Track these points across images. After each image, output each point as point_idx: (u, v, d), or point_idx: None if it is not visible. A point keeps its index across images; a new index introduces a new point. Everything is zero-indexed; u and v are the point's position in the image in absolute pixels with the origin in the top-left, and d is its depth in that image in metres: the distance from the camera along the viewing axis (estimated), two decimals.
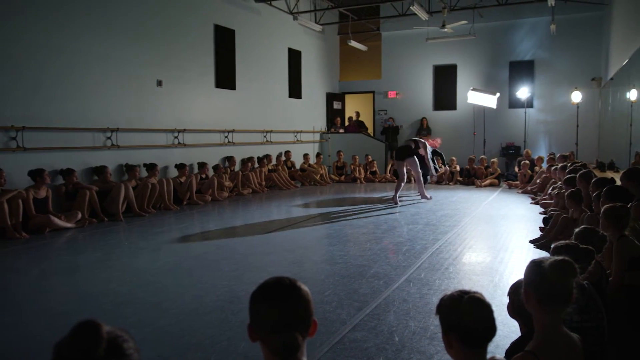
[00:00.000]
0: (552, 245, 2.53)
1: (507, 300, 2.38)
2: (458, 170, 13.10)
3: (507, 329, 3.09)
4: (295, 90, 14.39)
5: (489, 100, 14.11)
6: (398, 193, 9.38)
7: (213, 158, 10.83)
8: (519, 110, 14.71)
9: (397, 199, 9.25)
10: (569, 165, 7.94)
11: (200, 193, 9.63)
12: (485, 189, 11.72)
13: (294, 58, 14.31)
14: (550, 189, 8.75)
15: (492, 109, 14.46)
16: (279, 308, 1.31)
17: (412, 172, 9.76)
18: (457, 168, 13.14)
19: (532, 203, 9.26)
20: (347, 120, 16.82)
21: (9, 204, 6.33)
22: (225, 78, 11.41)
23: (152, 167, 8.71)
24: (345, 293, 4.06)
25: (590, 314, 2.33)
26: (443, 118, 15.82)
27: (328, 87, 16.55)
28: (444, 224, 7.19)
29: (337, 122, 16.12)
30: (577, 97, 13.38)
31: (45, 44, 7.42)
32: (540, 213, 7.88)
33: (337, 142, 15.29)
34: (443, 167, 13.09)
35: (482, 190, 11.48)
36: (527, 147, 14.10)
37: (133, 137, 8.95)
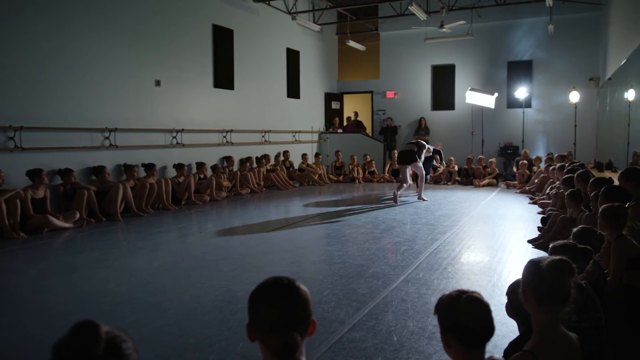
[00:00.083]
0: (550, 245, 2.53)
1: (505, 300, 2.39)
2: (456, 170, 13.11)
3: (505, 329, 3.09)
4: (294, 90, 14.39)
5: (487, 100, 14.13)
6: (399, 192, 9.44)
7: (211, 158, 10.82)
8: (517, 110, 14.73)
9: (397, 199, 9.28)
10: (567, 165, 7.95)
11: (199, 193, 9.63)
12: (484, 189, 11.73)
13: (293, 58, 14.31)
14: (549, 189, 8.77)
15: (490, 109, 14.48)
16: (278, 308, 1.31)
17: (417, 173, 9.83)
18: (455, 168, 13.15)
19: (530, 203, 9.28)
20: (345, 120, 16.83)
21: (7, 204, 6.32)
22: (224, 78, 11.40)
23: (150, 167, 8.70)
24: (344, 293, 4.06)
25: (589, 314, 2.34)
26: (441, 118, 15.84)
27: (326, 87, 16.54)
28: (443, 224, 7.19)
29: (335, 122, 16.13)
30: (575, 97, 13.41)
31: (44, 44, 7.41)
32: (539, 213, 7.90)
33: (335, 142, 15.29)
34: (441, 166, 13.11)
35: (480, 190, 11.49)
36: (525, 147, 14.10)
37: (131, 137, 8.95)
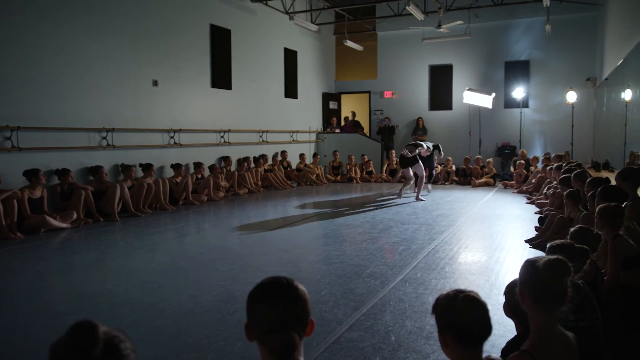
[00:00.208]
0: (547, 245, 2.54)
1: (503, 300, 2.39)
2: (454, 170, 13.13)
3: (502, 328, 3.10)
4: (291, 90, 14.39)
5: (485, 100, 14.16)
6: (404, 189, 10.12)
7: (209, 158, 10.81)
8: (515, 110, 14.76)
9: (401, 195, 9.95)
10: (564, 165, 7.96)
11: (196, 193, 9.61)
12: (481, 189, 11.75)
13: (290, 58, 14.30)
14: (546, 189, 8.79)
15: (487, 109, 14.51)
16: (276, 308, 1.31)
17: (417, 173, 9.98)
18: (453, 168, 13.17)
19: (527, 203, 9.30)
20: (343, 120, 16.85)
21: (4, 204, 6.30)
22: (221, 78, 11.39)
23: (148, 167, 8.69)
24: (342, 293, 4.06)
25: (586, 313, 2.34)
26: (439, 118, 15.86)
27: (324, 87, 16.55)
28: (440, 224, 7.20)
29: (333, 122, 16.13)
30: (572, 97, 13.44)
31: (43, 44, 7.39)
32: (536, 213, 7.91)
33: (333, 142, 15.29)
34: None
35: (477, 190, 11.51)
36: (522, 147, 14.13)
37: (129, 137, 8.93)
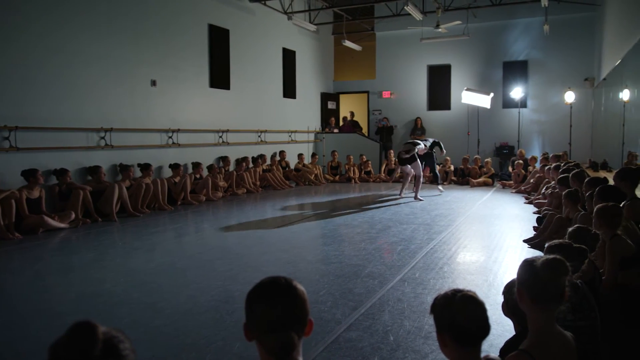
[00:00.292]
0: (545, 245, 2.54)
1: (501, 299, 2.39)
2: (452, 170, 13.14)
3: (501, 328, 3.11)
4: (290, 90, 14.39)
5: (483, 100, 14.17)
6: (405, 187, 10.30)
7: (207, 158, 10.81)
8: (513, 110, 14.78)
9: (402, 193, 10.18)
10: (562, 165, 7.98)
11: (195, 193, 9.61)
12: (479, 189, 11.76)
13: (289, 58, 14.30)
14: (544, 189, 8.80)
15: (486, 109, 14.52)
16: (275, 307, 1.31)
17: (414, 172, 10.05)
18: (451, 168, 13.18)
19: (525, 203, 9.31)
20: (341, 120, 16.85)
21: (2, 205, 6.29)
22: (220, 78, 11.39)
23: (146, 167, 8.68)
24: (340, 293, 4.07)
25: (584, 313, 2.35)
26: (437, 118, 15.87)
27: (322, 87, 16.55)
28: (439, 224, 7.21)
29: (331, 122, 16.14)
30: (570, 97, 13.47)
31: (41, 44, 7.38)
32: (534, 213, 7.92)
33: (331, 142, 15.29)
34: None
35: (476, 190, 11.52)
36: (520, 146, 14.16)
37: (127, 137, 8.92)
